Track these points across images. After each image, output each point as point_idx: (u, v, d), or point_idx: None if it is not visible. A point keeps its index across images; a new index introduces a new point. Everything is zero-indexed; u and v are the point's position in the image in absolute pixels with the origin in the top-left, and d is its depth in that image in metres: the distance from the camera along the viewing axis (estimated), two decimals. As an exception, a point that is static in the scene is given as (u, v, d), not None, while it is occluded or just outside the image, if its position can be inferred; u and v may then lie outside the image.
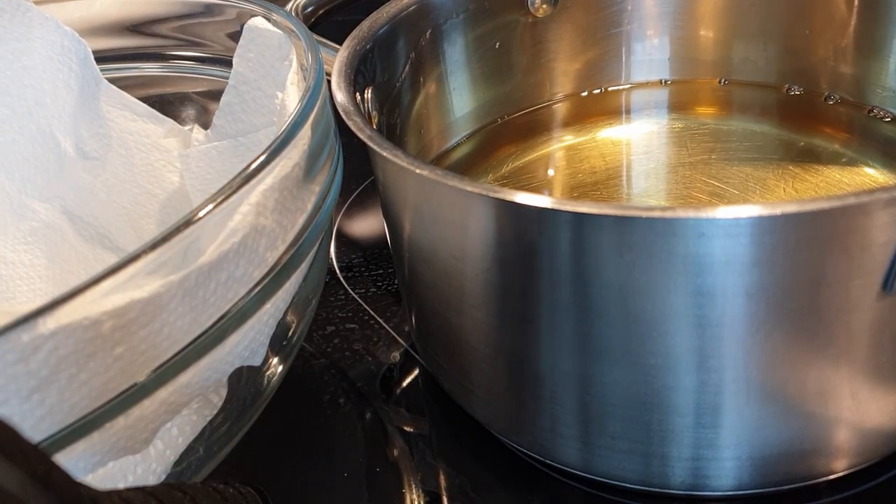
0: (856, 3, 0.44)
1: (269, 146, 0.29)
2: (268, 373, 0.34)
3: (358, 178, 0.53)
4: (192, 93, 0.45)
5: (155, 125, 0.43)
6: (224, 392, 0.32)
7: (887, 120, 0.44)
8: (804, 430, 0.30)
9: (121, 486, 0.28)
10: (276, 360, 0.34)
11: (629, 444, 0.31)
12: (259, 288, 0.28)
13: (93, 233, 0.43)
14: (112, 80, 0.43)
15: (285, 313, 0.32)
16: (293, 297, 0.32)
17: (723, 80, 0.48)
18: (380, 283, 0.46)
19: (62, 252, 0.42)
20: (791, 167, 0.42)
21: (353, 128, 0.32)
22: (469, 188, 0.28)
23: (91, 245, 0.42)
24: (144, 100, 0.43)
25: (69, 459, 0.25)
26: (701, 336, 0.28)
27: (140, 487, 0.21)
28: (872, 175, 0.41)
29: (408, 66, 0.42)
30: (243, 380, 0.32)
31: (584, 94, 0.49)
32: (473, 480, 0.35)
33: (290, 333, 0.34)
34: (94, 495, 0.19)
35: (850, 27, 0.44)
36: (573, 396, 0.31)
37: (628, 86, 0.49)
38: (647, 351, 0.29)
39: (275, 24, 0.39)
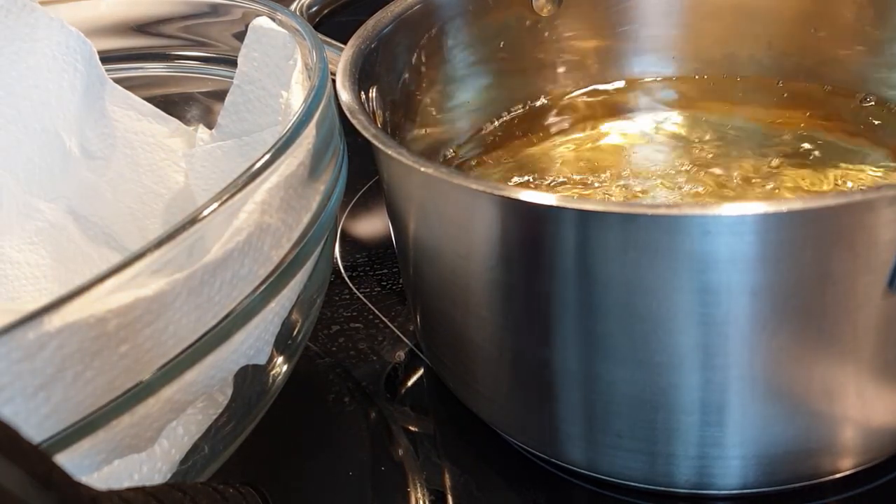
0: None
1: (274, 145, 0.29)
2: (273, 372, 0.34)
3: (362, 177, 0.53)
4: (197, 93, 0.45)
5: (160, 125, 0.43)
6: (229, 391, 0.32)
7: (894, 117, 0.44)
8: (810, 428, 0.30)
9: (126, 484, 0.28)
10: (281, 359, 0.34)
11: (634, 442, 0.31)
12: (264, 286, 0.28)
13: (98, 232, 0.43)
14: (117, 80, 0.43)
15: (290, 312, 0.32)
16: (298, 296, 0.32)
17: (728, 77, 0.48)
18: (384, 283, 0.46)
19: (67, 252, 0.42)
20: (796, 164, 0.42)
21: (357, 126, 0.32)
22: (474, 186, 0.28)
23: (96, 244, 0.43)
24: (149, 100, 0.44)
25: (74, 457, 0.25)
26: (706, 334, 0.28)
27: (140, 487, 0.21)
28: (878, 172, 0.41)
29: (412, 65, 0.42)
30: (248, 379, 0.32)
31: (590, 92, 0.49)
32: (478, 479, 0.35)
33: (294, 332, 0.34)
34: (95, 495, 0.19)
35: (855, 24, 0.44)
36: (578, 395, 0.31)
37: (633, 83, 0.49)
38: (653, 349, 0.29)
39: (279, 23, 0.39)
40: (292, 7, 0.45)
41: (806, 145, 0.43)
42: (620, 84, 0.49)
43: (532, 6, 0.46)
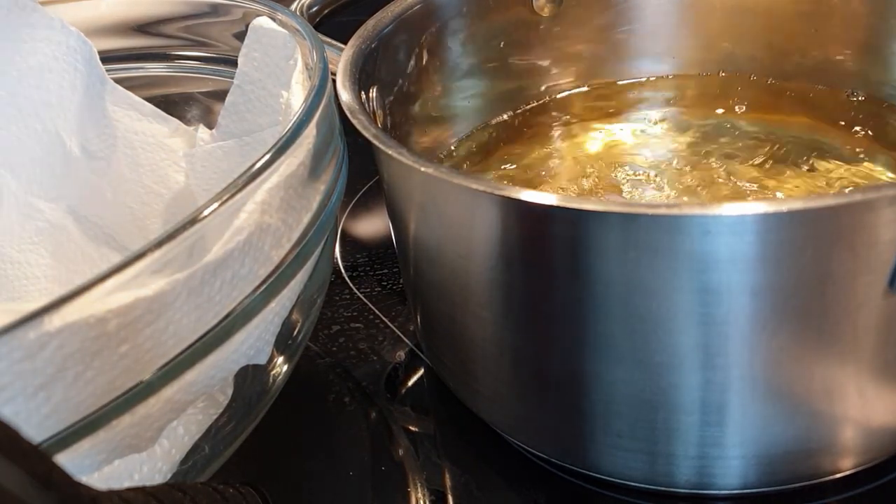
0: None
1: (274, 145, 0.29)
2: (273, 372, 0.34)
3: (363, 177, 0.53)
4: (198, 93, 0.45)
5: (160, 125, 0.43)
6: (230, 391, 0.32)
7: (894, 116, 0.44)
8: (810, 428, 0.30)
9: (126, 484, 0.28)
10: (281, 359, 0.34)
11: (635, 442, 0.31)
12: (264, 286, 0.28)
13: (98, 232, 0.43)
14: (118, 80, 0.43)
15: (290, 312, 0.32)
16: (298, 296, 0.32)
17: (728, 77, 0.48)
18: (385, 283, 0.46)
19: (68, 252, 0.42)
20: (797, 164, 0.42)
21: (358, 126, 0.32)
22: (474, 186, 0.28)
23: (96, 244, 0.43)
24: (150, 100, 0.44)
25: (75, 457, 0.25)
26: (706, 334, 0.28)
27: (140, 487, 0.21)
28: (880, 171, 0.41)
29: (412, 65, 0.42)
30: (249, 379, 0.32)
31: (589, 91, 0.49)
32: (478, 479, 0.35)
33: (295, 332, 0.34)
34: (95, 495, 0.19)
35: (855, 24, 0.44)
36: (578, 395, 0.31)
37: (633, 83, 0.49)
38: (653, 349, 0.29)
39: (280, 23, 0.39)
40: (292, 7, 0.45)
41: (805, 145, 0.43)
42: (620, 84, 0.49)
43: (532, 6, 0.46)
